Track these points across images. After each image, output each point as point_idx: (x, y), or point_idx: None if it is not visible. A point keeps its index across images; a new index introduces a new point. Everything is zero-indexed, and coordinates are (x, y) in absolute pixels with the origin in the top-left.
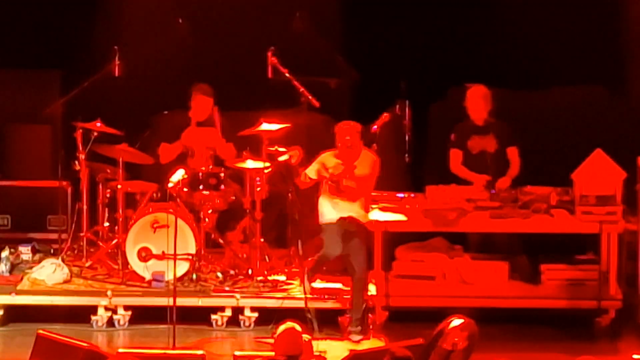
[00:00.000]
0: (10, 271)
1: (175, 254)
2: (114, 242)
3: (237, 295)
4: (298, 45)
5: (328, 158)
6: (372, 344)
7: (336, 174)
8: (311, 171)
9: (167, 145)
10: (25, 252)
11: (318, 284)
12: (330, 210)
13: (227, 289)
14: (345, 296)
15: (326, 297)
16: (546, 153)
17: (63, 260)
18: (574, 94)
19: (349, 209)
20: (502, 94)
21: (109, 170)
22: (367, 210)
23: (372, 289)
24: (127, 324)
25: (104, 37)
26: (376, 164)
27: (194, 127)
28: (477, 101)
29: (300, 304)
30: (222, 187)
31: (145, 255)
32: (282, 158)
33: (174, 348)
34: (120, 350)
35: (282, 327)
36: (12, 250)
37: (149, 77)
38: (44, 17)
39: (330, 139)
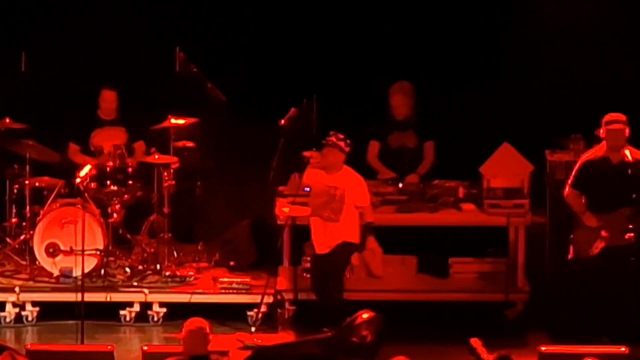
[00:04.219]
0: None
1: (83, 250)
2: (22, 238)
3: (146, 291)
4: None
5: None
6: (280, 338)
7: None
8: None
9: (77, 151)
10: None
11: (226, 279)
12: None
13: (135, 284)
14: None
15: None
16: (454, 147)
17: None
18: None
19: None
20: (422, 88)
21: (16, 166)
22: None
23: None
24: (35, 320)
25: (11, 33)
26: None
27: (102, 127)
28: (400, 97)
29: (209, 298)
30: (130, 182)
31: (53, 251)
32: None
33: (82, 344)
34: (29, 346)
35: (188, 324)
36: None
37: (56, 73)
38: None
39: (238, 136)
